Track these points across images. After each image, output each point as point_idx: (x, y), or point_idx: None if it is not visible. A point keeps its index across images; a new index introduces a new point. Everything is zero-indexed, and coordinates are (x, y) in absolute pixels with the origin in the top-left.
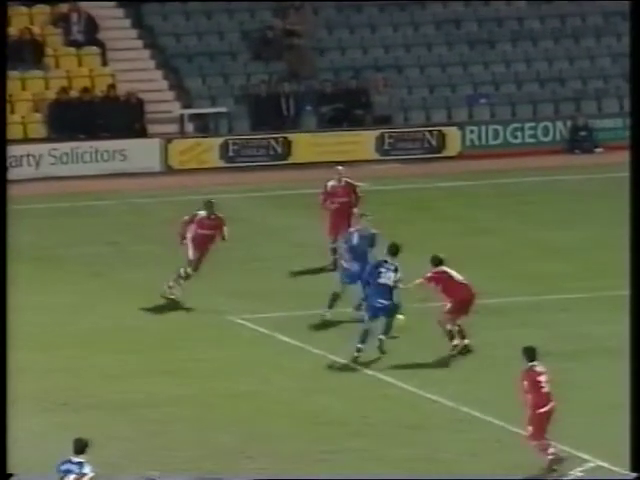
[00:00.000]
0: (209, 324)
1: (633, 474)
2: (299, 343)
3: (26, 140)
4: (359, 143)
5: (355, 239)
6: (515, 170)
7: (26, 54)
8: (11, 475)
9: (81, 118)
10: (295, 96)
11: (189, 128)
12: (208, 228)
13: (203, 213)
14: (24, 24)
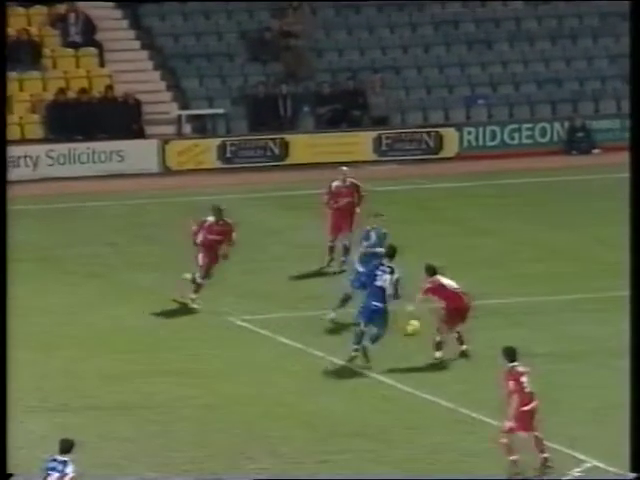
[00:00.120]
0: (209, 325)
1: (633, 474)
2: (298, 344)
3: (23, 141)
4: (356, 144)
5: (373, 238)
6: (513, 171)
7: (24, 55)
8: (11, 475)
9: (79, 119)
10: (293, 97)
11: (187, 129)
12: (217, 233)
13: (211, 219)
14: (22, 25)
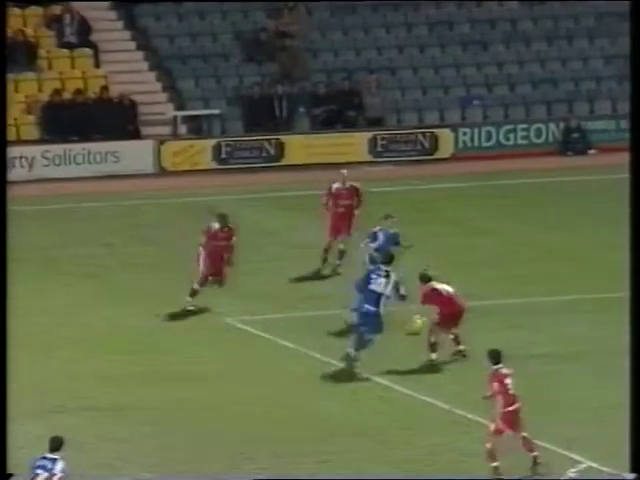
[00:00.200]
0: (206, 326)
1: (632, 474)
2: (296, 345)
3: (19, 142)
4: (352, 145)
5: (381, 239)
6: (508, 172)
7: (19, 56)
8: (11, 475)
9: (74, 120)
10: (288, 98)
11: (182, 130)
12: (222, 239)
13: (216, 225)
14: (17, 26)
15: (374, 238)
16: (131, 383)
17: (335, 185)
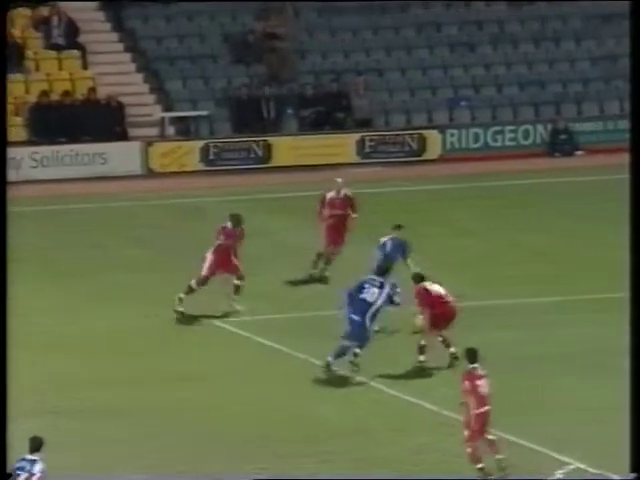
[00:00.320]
0: (195, 327)
1: (633, 474)
2: (283, 347)
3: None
4: (340, 146)
5: (389, 247)
6: (496, 173)
7: (6, 57)
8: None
9: (62, 121)
10: (276, 99)
11: (170, 131)
12: (230, 238)
13: (230, 225)
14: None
15: (383, 248)
16: (128, 385)
17: (329, 194)
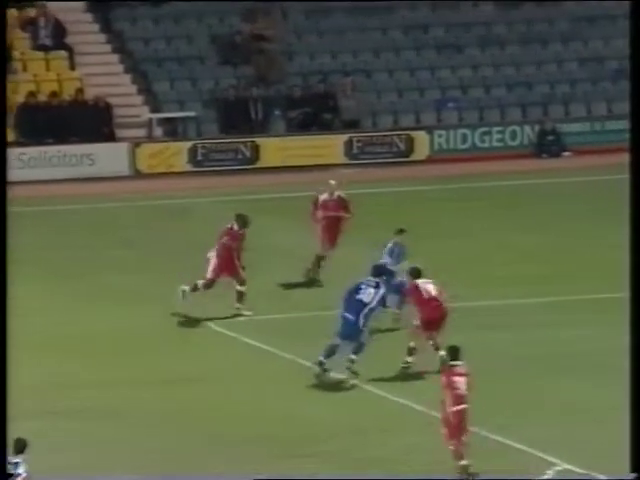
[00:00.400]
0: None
1: (633, 474)
2: (272, 347)
3: None
4: (327, 147)
5: (396, 252)
6: (483, 174)
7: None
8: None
9: (49, 122)
10: (263, 100)
11: (157, 132)
12: (235, 240)
13: (236, 226)
14: None
15: (391, 252)
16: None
17: (322, 196)
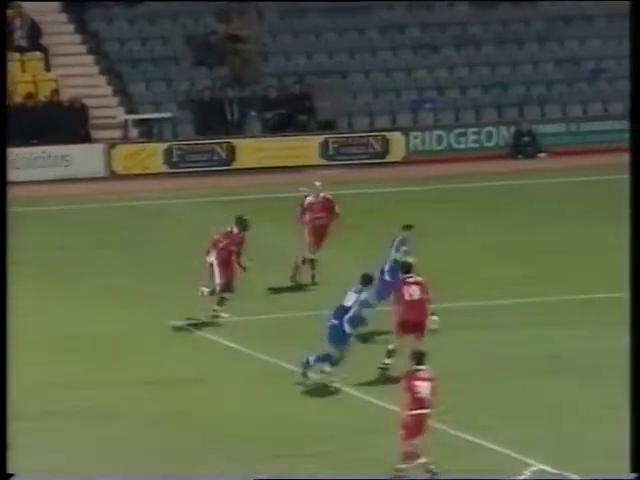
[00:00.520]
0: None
1: (633, 474)
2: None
3: None
4: (303, 148)
5: (404, 248)
6: (459, 175)
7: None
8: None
9: (25, 124)
10: (239, 101)
11: (133, 133)
12: (236, 244)
13: (236, 230)
14: None
15: (398, 248)
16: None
17: (308, 199)
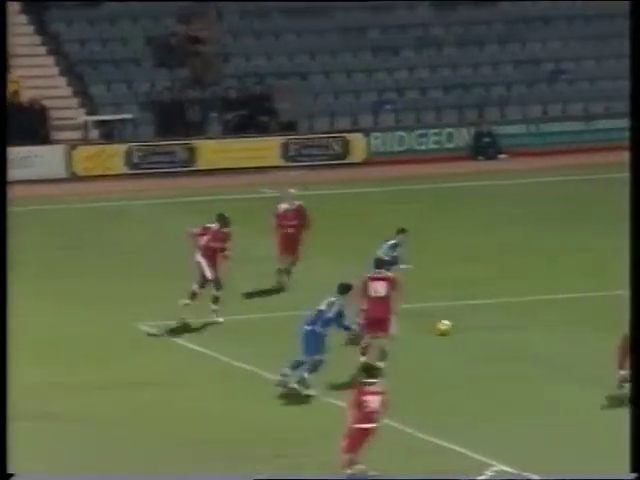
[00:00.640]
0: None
1: (633, 474)
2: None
3: None
4: (264, 150)
5: (398, 250)
6: (420, 176)
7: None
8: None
9: None
10: (199, 103)
11: (94, 135)
12: (220, 241)
13: (216, 226)
14: None
15: (394, 247)
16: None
17: (282, 206)
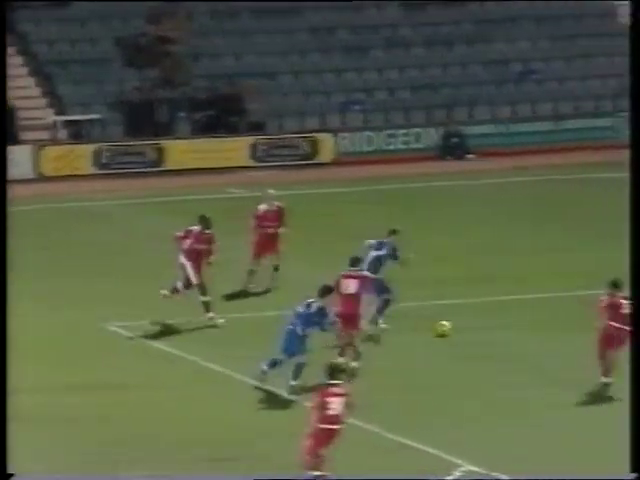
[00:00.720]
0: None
1: (633, 474)
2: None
3: None
4: (233, 150)
5: (385, 249)
6: (388, 176)
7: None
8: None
9: None
10: (168, 103)
11: (62, 135)
12: (203, 242)
13: (198, 228)
14: None
15: (379, 246)
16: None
17: (262, 207)
